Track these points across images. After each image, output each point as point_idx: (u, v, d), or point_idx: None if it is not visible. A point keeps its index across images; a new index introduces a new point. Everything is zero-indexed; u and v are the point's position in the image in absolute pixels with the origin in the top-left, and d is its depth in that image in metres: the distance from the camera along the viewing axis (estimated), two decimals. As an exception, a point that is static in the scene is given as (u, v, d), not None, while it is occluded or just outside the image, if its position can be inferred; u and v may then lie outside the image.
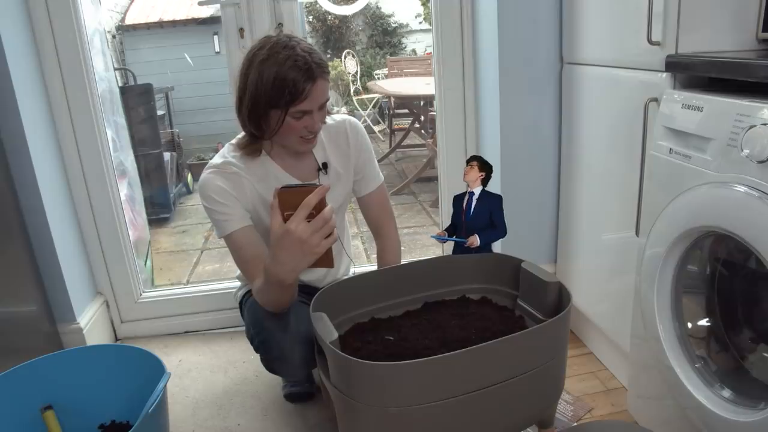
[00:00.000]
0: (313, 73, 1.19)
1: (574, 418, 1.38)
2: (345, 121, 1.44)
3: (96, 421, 1.31)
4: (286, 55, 1.18)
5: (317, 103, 1.22)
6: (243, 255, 1.29)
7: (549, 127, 1.72)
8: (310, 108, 1.21)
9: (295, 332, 1.24)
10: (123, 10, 5.59)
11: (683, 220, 1.06)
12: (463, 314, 1.25)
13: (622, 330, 1.37)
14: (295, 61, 1.17)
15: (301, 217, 1.01)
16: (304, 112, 1.22)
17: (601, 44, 1.45)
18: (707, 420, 1.04)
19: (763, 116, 0.89)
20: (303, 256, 1.03)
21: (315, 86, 1.19)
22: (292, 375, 1.37)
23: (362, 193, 1.49)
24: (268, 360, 1.31)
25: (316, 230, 1.01)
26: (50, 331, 1.63)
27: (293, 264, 1.05)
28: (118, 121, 2.31)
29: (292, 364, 1.26)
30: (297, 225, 1.01)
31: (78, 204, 1.77)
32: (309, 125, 1.24)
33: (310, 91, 1.19)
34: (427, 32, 6.82)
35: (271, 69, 1.18)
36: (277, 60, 1.18)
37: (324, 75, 1.22)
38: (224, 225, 1.28)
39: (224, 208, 1.27)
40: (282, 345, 1.25)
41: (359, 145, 1.44)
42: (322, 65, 1.21)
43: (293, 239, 1.01)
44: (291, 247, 1.02)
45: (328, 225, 1.03)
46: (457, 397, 0.98)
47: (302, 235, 1.01)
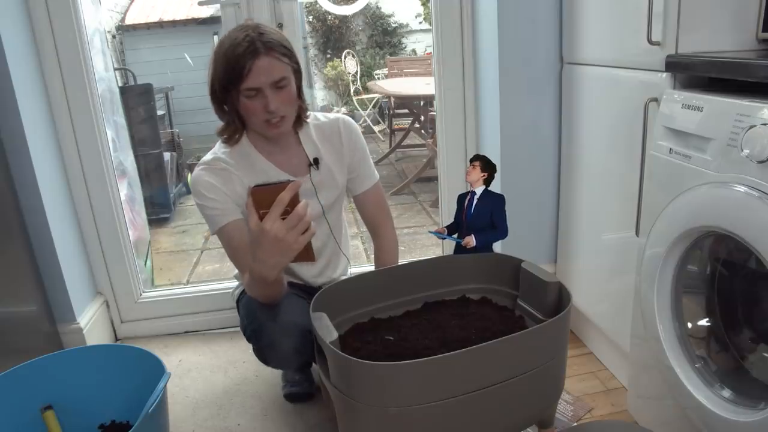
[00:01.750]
0: (257, 49, 1.20)
1: (574, 418, 1.38)
2: (338, 119, 1.45)
3: (96, 421, 1.31)
4: (235, 36, 1.22)
5: (265, 80, 1.22)
6: (234, 248, 1.31)
7: (549, 127, 1.72)
8: (257, 85, 1.22)
9: (285, 321, 1.25)
10: (123, 10, 5.60)
11: (683, 220, 1.06)
12: (463, 314, 1.25)
13: (622, 330, 1.37)
14: (242, 40, 1.20)
15: (275, 215, 1.01)
16: (254, 89, 1.22)
17: (601, 44, 1.45)
18: (707, 420, 1.04)
19: (763, 116, 0.89)
20: (281, 253, 1.04)
21: (258, 61, 1.20)
22: (282, 364, 1.36)
23: (357, 192, 1.49)
24: (260, 349, 1.31)
25: (292, 227, 1.02)
26: (50, 331, 1.63)
27: (273, 262, 1.06)
28: (118, 121, 2.31)
29: (282, 352, 1.26)
30: (272, 224, 1.01)
31: (78, 204, 1.77)
32: (265, 104, 1.23)
33: (252, 67, 1.20)
34: (427, 32, 6.82)
35: (222, 50, 1.23)
36: (228, 42, 1.22)
37: (272, 52, 1.21)
38: (215, 219, 1.30)
39: (214, 203, 1.29)
40: (272, 333, 1.26)
41: (353, 143, 1.44)
42: (270, 43, 1.21)
43: (269, 238, 1.02)
44: (268, 245, 1.03)
45: (303, 221, 1.03)
46: (457, 397, 0.98)
47: (278, 234, 1.01)
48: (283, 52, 1.23)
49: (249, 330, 1.32)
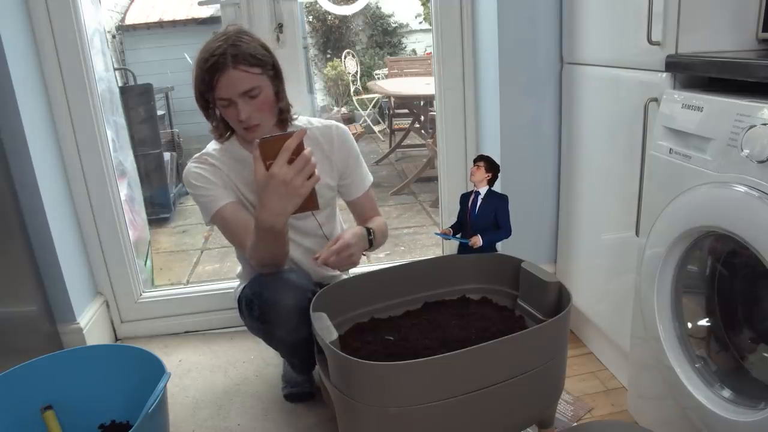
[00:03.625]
0: (223, 62, 1.22)
1: (574, 418, 1.38)
2: (332, 126, 1.45)
3: (96, 421, 1.31)
4: (210, 46, 1.24)
5: (233, 92, 1.24)
6: (232, 227, 1.33)
7: (549, 127, 1.72)
8: (227, 96, 1.24)
9: (288, 279, 1.27)
10: (123, 10, 5.60)
11: (683, 220, 1.06)
12: (463, 314, 1.25)
13: (622, 330, 1.37)
14: (213, 51, 1.22)
15: (282, 160, 1.07)
16: (225, 100, 1.25)
17: (601, 44, 1.45)
18: (707, 420, 1.04)
19: (763, 116, 0.89)
20: (289, 197, 1.09)
21: (224, 74, 1.22)
22: (284, 324, 1.27)
23: (351, 197, 1.50)
24: (261, 306, 1.26)
25: (299, 171, 1.08)
26: (50, 331, 1.63)
27: (280, 207, 1.10)
28: (118, 121, 2.31)
29: (284, 308, 1.24)
30: (280, 168, 1.07)
31: (78, 204, 1.77)
32: (236, 114, 1.26)
33: (219, 79, 1.22)
34: (427, 32, 6.82)
35: (198, 58, 1.26)
36: (204, 52, 1.25)
37: (239, 65, 1.22)
38: (209, 205, 1.33)
39: (206, 191, 1.33)
40: (275, 289, 1.26)
41: (345, 150, 1.45)
42: (239, 56, 1.22)
43: (277, 182, 1.08)
44: (276, 190, 1.08)
45: (310, 165, 1.09)
46: (457, 397, 0.98)
47: (285, 177, 1.07)
48: (253, 63, 1.25)
49: (251, 293, 1.30)
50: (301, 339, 1.27)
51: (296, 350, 1.36)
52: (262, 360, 1.72)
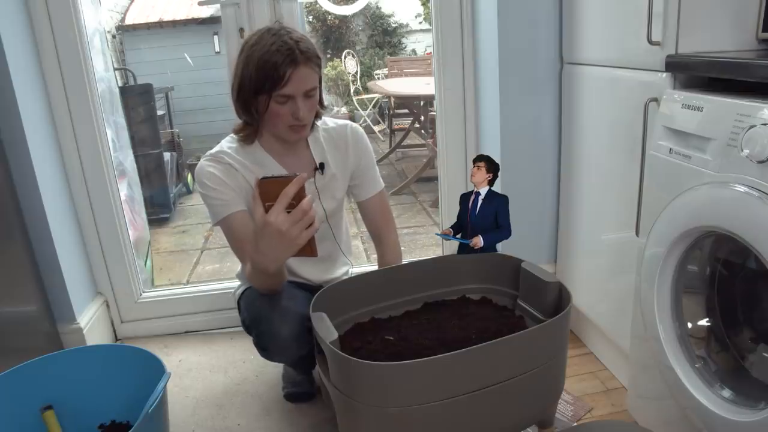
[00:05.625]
0: (296, 58, 1.20)
1: (574, 418, 1.38)
2: (347, 126, 1.45)
3: (96, 421, 1.31)
4: (272, 41, 1.22)
5: (300, 89, 1.23)
6: (237, 238, 1.32)
7: (549, 127, 1.72)
8: (292, 93, 1.23)
9: (284, 307, 1.26)
10: (123, 10, 5.60)
11: (683, 220, 1.06)
12: (463, 314, 1.25)
13: (622, 330, 1.37)
14: (280, 47, 1.20)
15: (280, 208, 1.02)
16: (287, 96, 1.24)
17: (601, 44, 1.45)
18: (707, 420, 1.04)
19: (763, 116, 0.89)
20: (284, 247, 1.04)
21: (297, 71, 1.21)
22: (282, 352, 1.33)
23: (362, 198, 1.50)
24: (259, 336, 1.31)
25: (295, 222, 1.02)
26: (50, 331, 1.63)
27: (275, 255, 1.07)
28: (118, 121, 2.31)
29: (280, 339, 1.26)
30: (276, 217, 1.02)
31: (78, 204, 1.77)
32: (294, 111, 1.25)
33: (291, 76, 1.21)
34: (427, 32, 6.82)
35: (256, 54, 1.22)
36: (263, 45, 1.22)
37: (309, 63, 1.23)
38: (219, 210, 1.31)
39: (218, 194, 1.30)
40: (271, 319, 1.26)
41: (359, 150, 1.45)
42: (308, 53, 1.23)
43: (273, 231, 1.02)
44: (271, 238, 1.04)
45: (308, 216, 1.03)
46: (457, 397, 0.98)
47: (281, 227, 1.02)
48: (317, 63, 1.26)
49: (248, 319, 1.32)
50: (300, 358, 1.32)
51: (295, 364, 1.43)
52: (262, 360, 1.71)
